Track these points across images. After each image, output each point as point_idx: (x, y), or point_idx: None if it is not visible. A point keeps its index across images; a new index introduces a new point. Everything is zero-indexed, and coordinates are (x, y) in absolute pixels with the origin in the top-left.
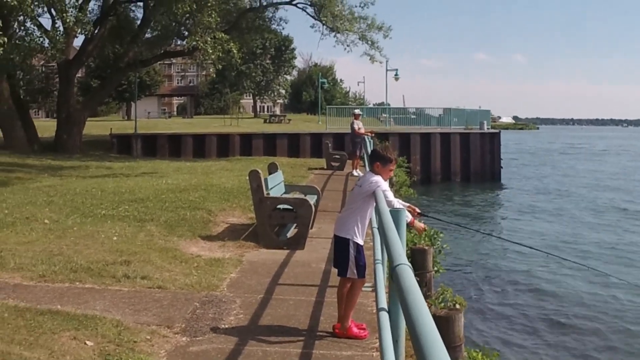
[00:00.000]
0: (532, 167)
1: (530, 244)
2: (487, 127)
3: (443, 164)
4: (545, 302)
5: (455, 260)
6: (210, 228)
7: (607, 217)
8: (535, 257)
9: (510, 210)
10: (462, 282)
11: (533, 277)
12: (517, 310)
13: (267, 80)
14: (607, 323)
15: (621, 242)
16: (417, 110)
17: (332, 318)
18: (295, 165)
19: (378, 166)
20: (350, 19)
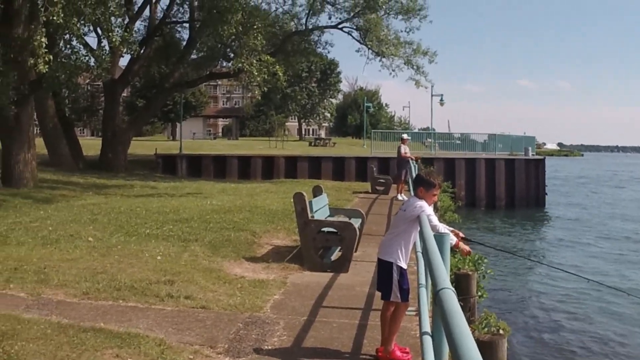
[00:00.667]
0: (577, 194)
1: (575, 271)
2: (532, 153)
3: (488, 189)
4: (590, 330)
5: (500, 286)
6: (255, 249)
7: None
8: (580, 284)
9: (554, 237)
10: (506, 307)
11: (578, 304)
12: (562, 337)
13: (313, 103)
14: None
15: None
16: (462, 135)
17: (376, 341)
18: (340, 188)
19: (422, 191)
20: (396, 43)
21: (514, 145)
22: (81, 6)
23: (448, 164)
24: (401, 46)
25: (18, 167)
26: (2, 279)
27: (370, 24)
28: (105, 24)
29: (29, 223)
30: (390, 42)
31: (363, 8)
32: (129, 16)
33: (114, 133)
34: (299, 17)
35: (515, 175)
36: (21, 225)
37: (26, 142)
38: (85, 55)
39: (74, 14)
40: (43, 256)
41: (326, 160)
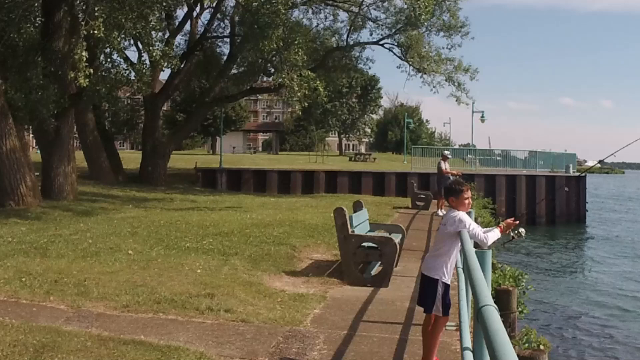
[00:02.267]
0: (618, 211)
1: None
2: (572, 170)
3: (528, 205)
4: (630, 348)
5: (541, 302)
6: (295, 264)
7: None
8: (622, 302)
9: (596, 255)
10: (547, 323)
11: (620, 321)
12: (605, 353)
13: (353, 118)
14: None
15: None
16: (503, 152)
17: (416, 356)
18: (380, 203)
19: (453, 200)
20: (437, 60)
21: (555, 162)
22: (122, 20)
23: (488, 180)
24: (442, 63)
25: (58, 180)
26: (42, 291)
27: (412, 40)
28: (145, 38)
29: (69, 236)
30: (432, 59)
31: (404, 25)
32: (169, 30)
33: (154, 146)
34: (340, 33)
35: (556, 192)
36: (61, 238)
37: (66, 155)
38: (126, 69)
39: (115, 28)
40: (83, 269)
41: (366, 175)
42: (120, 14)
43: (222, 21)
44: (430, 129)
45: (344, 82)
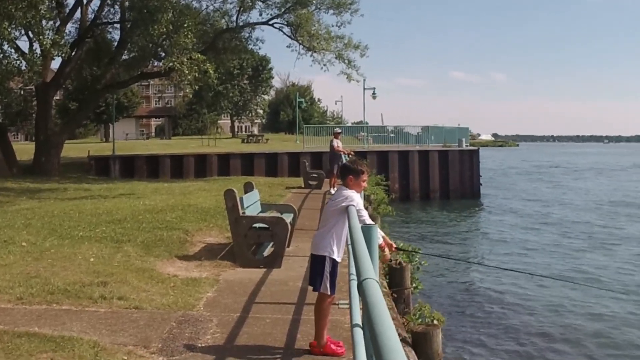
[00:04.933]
0: (511, 184)
1: (510, 262)
2: (465, 144)
3: (422, 181)
4: (523, 318)
5: (436, 277)
6: (187, 248)
7: (577, 233)
8: (514, 275)
9: (490, 229)
10: (442, 298)
11: (512, 294)
12: (497, 326)
13: (245, 100)
14: (585, 334)
15: (589, 257)
16: (396, 128)
17: (309, 335)
18: (273, 184)
19: (351, 179)
20: (327, 38)
21: (448, 136)
22: (12, 10)
23: (381, 157)
24: (332, 41)
25: None
26: None
27: (301, 19)
28: (36, 27)
29: None
30: (321, 37)
31: (294, 4)
32: (60, 19)
33: (46, 137)
34: (229, 14)
35: (449, 166)
36: None
37: None
38: (17, 60)
39: (5, 18)
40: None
41: (259, 157)
42: (10, 4)
43: (112, 7)
44: (323, 108)
45: (234, 64)
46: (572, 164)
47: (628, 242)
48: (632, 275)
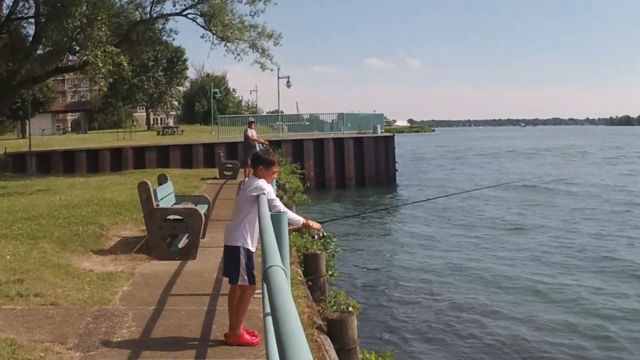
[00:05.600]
0: (428, 170)
1: (423, 247)
2: (380, 130)
3: (337, 169)
4: (439, 302)
5: (352, 264)
6: (103, 242)
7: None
8: (429, 260)
9: (405, 214)
10: (359, 285)
11: (428, 279)
12: (413, 310)
13: (160, 92)
14: (494, 320)
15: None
16: (311, 116)
17: (224, 326)
18: (188, 176)
19: (262, 170)
20: (241, 27)
21: (363, 123)
22: None
23: (296, 145)
24: (246, 30)
25: None
26: None
27: (215, 9)
28: None
29: None
30: (235, 27)
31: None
32: None
33: None
34: (143, 5)
35: (364, 153)
36: None
37: None
38: None
39: None
40: None
41: (174, 149)
42: None
43: (27, 1)
44: (238, 98)
45: (149, 56)
46: (485, 148)
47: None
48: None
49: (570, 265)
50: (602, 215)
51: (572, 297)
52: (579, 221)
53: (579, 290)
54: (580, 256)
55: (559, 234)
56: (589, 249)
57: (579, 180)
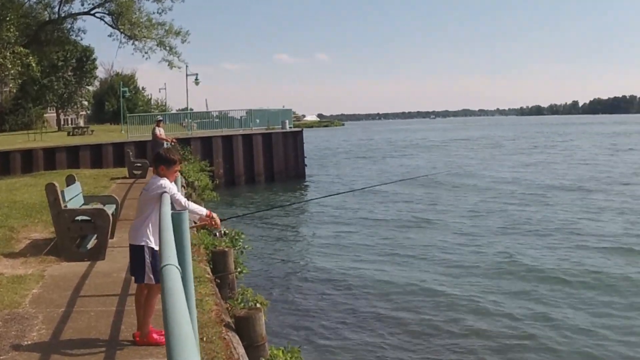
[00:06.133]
0: (336, 163)
1: (331, 239)
2: (289, 126)
3: (246, 165)
4: (347, 295)
5: (262, 260)
6: (13, 245)
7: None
8: (337, 253)
9: (315, 209)
10: (268, 281)
11: (336, 272)
12: (322, 304)
13: (70, 92)
14: (401, 312)
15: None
16: (220, 113)
17: (133, 326)
18: (98, 176)
19: (163, 169)
20: (148, 25)
21: (271, 119)
22: None
23: (205, 143)
24: (153, 28)
25: None
26: None
27: (122, 7)
28: None
29: None
30: (143, 25)
31: None
32: None
33: None
34: (52, 5)
35: (272, 149)
36: None
37: None
38: None
39: None
40: None
41: (84, 149)
42: None
43: None
44: (147, 97)
45: (58, 56)
46: (395, 142)
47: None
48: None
49: (467, 261)
50: (508, 209)
51: (469, 293)
52: (481, 215)
53: (477, 287)
54: (478, 253)
55: (461, 227)
56: (488, 246)
57: (485, 172)
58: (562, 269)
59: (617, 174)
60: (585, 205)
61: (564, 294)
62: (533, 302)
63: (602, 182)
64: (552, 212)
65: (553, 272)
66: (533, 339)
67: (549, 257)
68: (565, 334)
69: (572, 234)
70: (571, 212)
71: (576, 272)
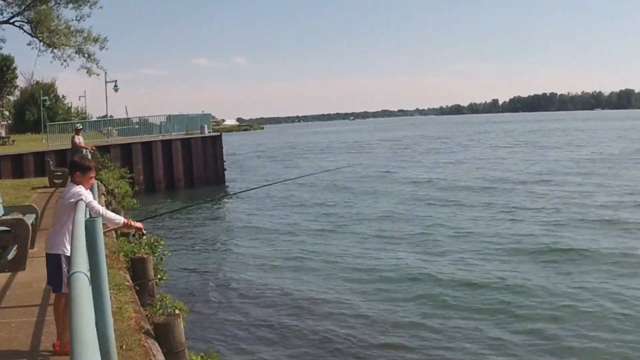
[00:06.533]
0: (255, 167)
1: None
2: (208, 130)
3: (166, 171)
4: (268, 298)
5: (182, 266)
6: None
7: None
8: (256, 259)
9: (236, 213)
10: (189, 287)
11: (256, 276)
12: (243, 308)
13: None
14: (324, 313)
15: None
16: (141, 119)
17: (54, 336)
18: (19, 186)
19: (79, 176)
20: (67, 33)
21: (190, 124)
22: None
23: (125, 149)
24: (72, 35)
25: None
26: None
27: (41, 15)
28: None
29: None
30: (61, 32)
31: (34, 0)
32: None
33: None
34: None
35: (192, 154)
36: None
37: None
38: None
39: None
40: None
41: (5, 159)
42: None
43: None
44: (67, 105)
45: None
46: (313, 144)
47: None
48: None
49: (376, 268)
50: (421, 212)
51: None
52: (393, 219)
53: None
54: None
55: (373, 232)
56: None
57: (399, 174)
58: (472, 275)
59: (525, 173)
60: (492, 206)
61: (470, 298)
62: (436, 307)
63: (513, 182)
64: (460, 213)
65: (457, 276)
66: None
67: (453, 262)
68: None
69: (481, 236)
70: (481, 213)
71: (485, 278)
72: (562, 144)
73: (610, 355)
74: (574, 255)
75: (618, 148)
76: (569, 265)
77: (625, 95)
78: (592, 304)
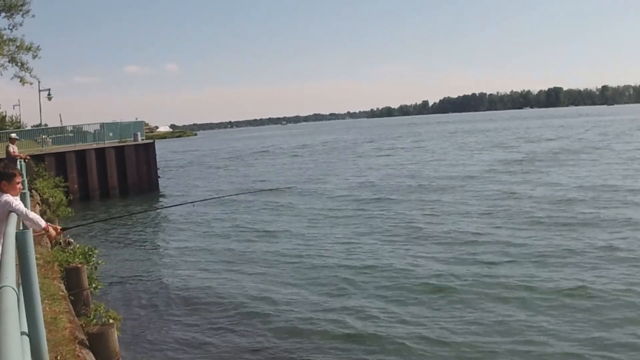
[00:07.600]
0: (189, 174)
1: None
2: (141, 138)
3: (100, 179)
4: (205, 304)
5: (118, 275)
6: None
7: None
8: (191, 264)
9: (170, 220)
10: (124, 295)
11: (191, 283)
12: (176, 318)
13: None
14: (262, 320)
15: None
16: (75, 127)
17: None
18: None
19: (5, 184)
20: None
21: (124, 131)
22: None
23: (59, 158)
24: (5, 44)
25: None
26: None
27: None
28: None
29: None
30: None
31: None
32: None
33: None
34: None
35: (126, 162)
36: None
37: None
38: None
39: None
40: None
41: None
42: None
43: None
44: (2, 113)
45: None
46: (245, 150)
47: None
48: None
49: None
50: (355, 214)
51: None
52: (326, 221)
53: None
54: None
55: (304, 235)
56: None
57: (330, 179)
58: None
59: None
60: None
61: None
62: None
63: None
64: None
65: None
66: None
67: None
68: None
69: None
70: (412, 213)
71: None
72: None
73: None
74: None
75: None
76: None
77: (554, 93)
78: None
